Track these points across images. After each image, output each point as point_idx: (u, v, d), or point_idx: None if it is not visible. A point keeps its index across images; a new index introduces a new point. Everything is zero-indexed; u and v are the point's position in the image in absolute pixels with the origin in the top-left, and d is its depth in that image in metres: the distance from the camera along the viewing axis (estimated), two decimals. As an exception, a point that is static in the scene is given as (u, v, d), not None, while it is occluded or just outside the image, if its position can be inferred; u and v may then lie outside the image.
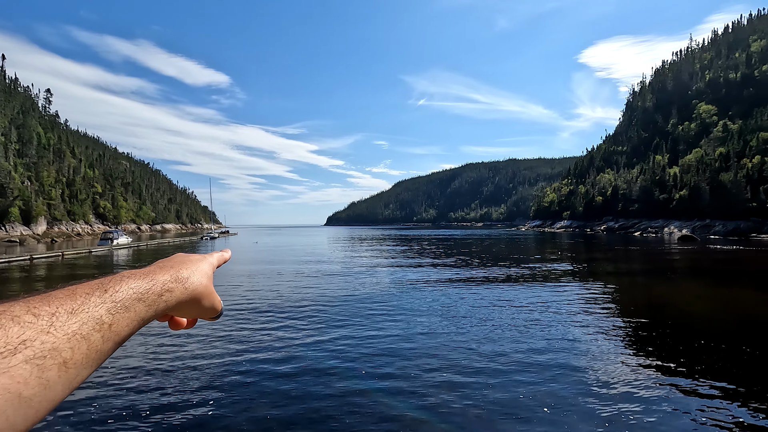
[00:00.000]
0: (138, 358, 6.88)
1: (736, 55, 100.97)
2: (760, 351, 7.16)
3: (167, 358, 6.95)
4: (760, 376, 6.09)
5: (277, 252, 34.04)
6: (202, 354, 7.16)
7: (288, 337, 8.13)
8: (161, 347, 7.49)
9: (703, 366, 6.52)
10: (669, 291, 14.26)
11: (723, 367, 6.46)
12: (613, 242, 46.50)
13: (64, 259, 27.08)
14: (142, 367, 6.49)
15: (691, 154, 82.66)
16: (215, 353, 7.20)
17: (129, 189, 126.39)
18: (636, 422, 4.71)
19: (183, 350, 7.38)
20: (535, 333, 8.37)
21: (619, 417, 4.83)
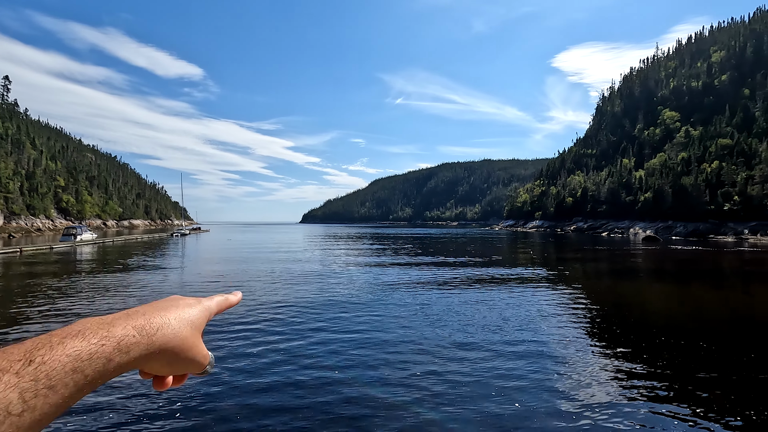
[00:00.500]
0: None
1: (698, 65, 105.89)
2: (712, 345, 7.55)
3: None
4: (712, 369, 6.42)
5: (250, 250, 33.44)
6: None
7: (262, 343, 8.01)
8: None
9: (658, 360, 6.82)
10: (631, 289, 14.84)
11: (677, 362, 6.77)
12: (582, 242, 48.01)
13: (22, 256, 25.77)
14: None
15: (656, 158, 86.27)
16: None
17: (94, 183, 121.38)
18: (597, 415, 4.87)
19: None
20: (503, 330, 8.55)
21: (582, 412, 4.99)
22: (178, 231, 65.86)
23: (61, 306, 10.78)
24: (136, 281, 15.41)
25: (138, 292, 13.17)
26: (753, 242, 48.70)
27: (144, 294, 12.79)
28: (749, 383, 5.90)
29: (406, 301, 11.59)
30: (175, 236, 58.75)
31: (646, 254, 29.78)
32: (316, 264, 21.95)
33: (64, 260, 23.94)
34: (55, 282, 14.93)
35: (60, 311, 10.19)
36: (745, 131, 72.08)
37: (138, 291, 13.31)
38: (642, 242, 46.97)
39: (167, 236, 58.51)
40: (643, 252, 31.89)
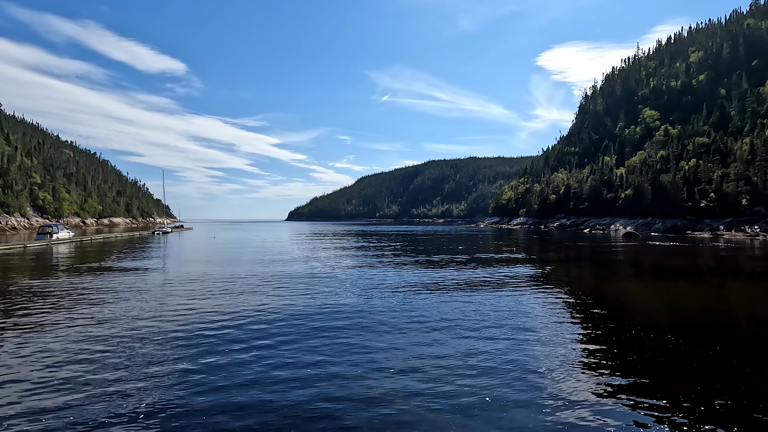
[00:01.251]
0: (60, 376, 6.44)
1: (677, 65, 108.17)
2: (686, 337, 7.73)
3: (104, 380, 6.56)
4: (687, 361, 6.57)
5: (235, 250, 33.01)
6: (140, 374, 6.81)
7: (245, 344, 7.90)
8: (79, 368, 7.06)
9: (635, 351, 6.94)
10: (610, 284, 15.12)
11: (654, 354, 6.91)
12: (564, 239, 48.75)
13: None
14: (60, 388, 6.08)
15: (636, 156, 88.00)
16: (156, 373, 6.86)
17: (72, 180, 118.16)
18: (576, 410, 4.93)
19: (125, 371, 7.00)
20: (485, 325, 8.60)
21: (562, 408, 5.04)
22: (159, 229, 64.71)
23: (31, 310, 10.46)
24: (113, 282, 15.05)
25: (116, 294, 12.87)
26: (728, 238, 50.16)
27: (123, 297, 12.49)
28: (721, 373, 6.05)
29: (390, 298, 11.58)
30: (157, 234, 57.68)
31: (625, 250, 30.40)
32: (302, 263, 21.79)
33: (38, 260, 23.26)
34: (27, 283, 14.49)
35: (30, 314, 9.88)
36: (721, 130, 74.04)
37: (116, 293, 13.01)
38: (622, 238, 47.94)
39: (149, 234, 57.41)
40: (622, 248, 32.55)
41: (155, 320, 9.25)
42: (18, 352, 7.04)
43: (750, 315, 10.31)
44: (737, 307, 11.40)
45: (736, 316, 10.23)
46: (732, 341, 7.80)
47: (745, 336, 8.25)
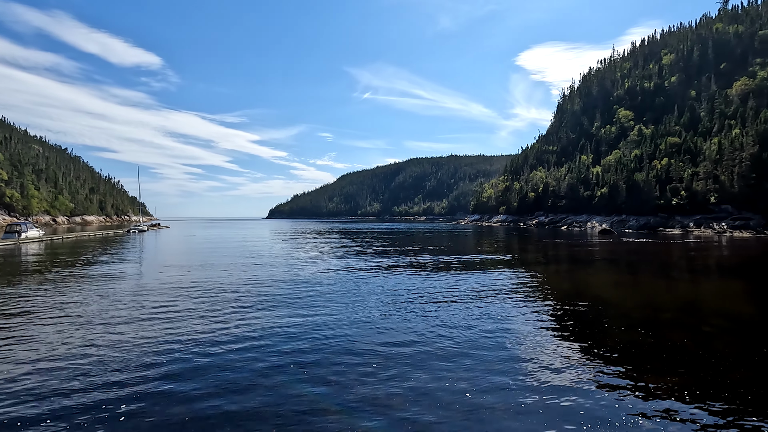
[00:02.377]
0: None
1: (650, 66, 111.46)
2: (654, 330, 8.01)
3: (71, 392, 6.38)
4: (657, 353, 6.82)
5: (215, 249, 32.45)
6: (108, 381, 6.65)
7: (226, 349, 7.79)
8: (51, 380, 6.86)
9: (607, 343, 7.16)
10: (585, 279, 15.52)
11: (626, 346, 7.14)
12: (543, 236, 49.73)
13: (-43, 255, 23.86)
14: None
15: (611, 155, 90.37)
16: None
17: (42, 176, 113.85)
18: (552, 398, 5.06)
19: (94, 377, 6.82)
20: (470, 319, 8.71)
21: (539, 398, 5.16)
22: (135, 227, 63.01)
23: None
24: (86, 284, 14.61)
25: (88, 297, 12.50)
26: (697, 234, 52.13)
27: (96, 300, 12.14)
28: (689, 363, 6.31)
29: (373, 296, 11.60)
30: (133, 233, 56.17)
31: (600, 247, 31.23)
32: (285, 265, 21.60)
33: (5, 260, 22.36)
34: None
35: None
36: (691, 130, 76.72)
37: (88, 296, 12.63)
38: (598, 235, 49.22)
39: (124, 233, 55.87)
40: (598, 244, 33.42)
41: (129, 325, 9.05)
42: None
43: (716, 308, 10.75)
44: (704, 301, 11.87)
45: (703, 309, 10.65)
46: (699, 333, 8.13)
47: (711, 328, 8.61)
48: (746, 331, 8.43)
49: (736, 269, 19.16)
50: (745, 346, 7.35)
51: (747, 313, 10.27)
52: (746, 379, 5.83)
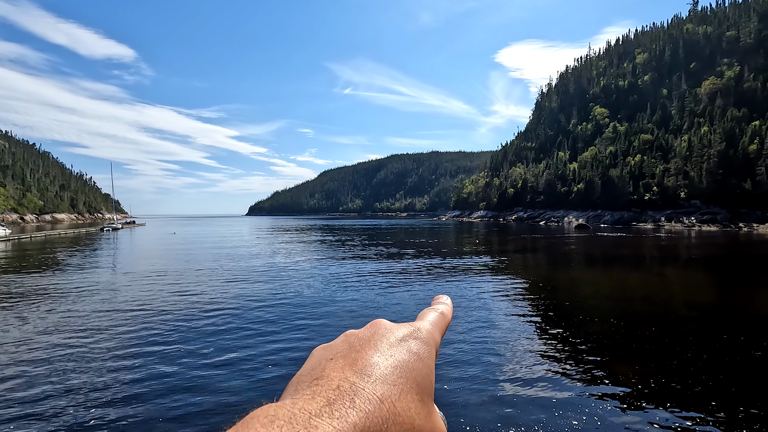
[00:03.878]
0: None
1: (624, 65, 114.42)
2: (626, 321, 8.26)
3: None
4: (628, 343, 7.02)
5: (195, 248, 31.79)
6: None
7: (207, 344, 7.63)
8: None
9: (581, 334, 7.34)
10: (561, 272, 15.87)
11: (598, 337, 7.33)
12: (521, 231, 50.61)
13: None
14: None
15: (588, 151, 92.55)
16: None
17: (8, 173, 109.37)
18: (527, 398, 5.14)
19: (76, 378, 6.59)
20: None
21: (518, 397, 5.24)
22: (109, 225, 61.15)
23: (-42, 310, 9.61)
24: (57, 285, 14.11)
25: (59, 299, 12.06)
26: (668, 228, 53.99)
27: (68, 302, 11.71)
28: (659, 353, 6.52)
29: (353, 294, 11.57)
30: (106, 231, 54.52)
31: (576, 241, 31.97)
32: (266, 260, 21.33)
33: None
34: (-47, 283, 13.29)
35: (-45, 316, 9.07)
36: (663, 128, 79.24)
37: (59, 298, 12.19)
38: (574, 230, 50.40)
39: (96, 231, 54.14)
40: (574, 239, 34.21)
41: (104, 330, 8.78)
42: (-60, 359, 6.45)
43: (683, 298, 11.15)
44: (672, 292, 12.30)
45: (671, 299, 11.03)
46: (667, 322, 8.41)
47: (679, 317, 8.92)
48: (710, 319, 8.77)
49: (702, 261, 19.93)
50: (709, 333, 7.65)
51: (711, 302, 10.69)
52: (710, 364, 6.06)
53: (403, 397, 0.29)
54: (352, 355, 0.31)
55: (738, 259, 20.90)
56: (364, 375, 0.29)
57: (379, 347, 0.32)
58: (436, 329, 0.37)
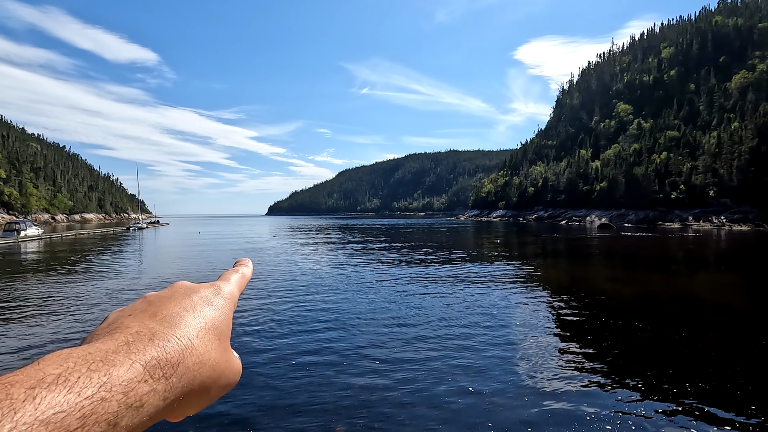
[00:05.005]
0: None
1: (649, 60, 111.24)
2: (653, 324, 8.05)
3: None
4: (656, 347, 6.85)
5: (221, 248, 32.43)
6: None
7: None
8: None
9: (605, 337, 7.19)
10: (584, 274, 15.55)
11: (623, 340, 7.17)
12: (542, 230, 49.79)
13: (-44, 254, 23.83)
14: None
15: (611, 149, 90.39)
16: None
17: (41, 175, 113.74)
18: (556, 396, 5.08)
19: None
20: (469, 315, 8.74)
21: (543, 398, 5.18)
22: (134, 225, 63.01)
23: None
24: (88, 282, 14.62)
25: (90, 295, 12.51)
26: (696, 228, 52.24)
27: (98, 297, 12.14)
28: (688, 357, 6.34)
29: (374, 293, 11.63)
30: (132, 230, 56.16)
31: (599, 241, 31.27)
32: (301, 264, 21.62)
33: (4, 259, 22.35)
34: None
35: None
36: (690, 124, 76.72)
37: (90, 294, 12.64)
38: (597, 230, 49.31)
39: (123, 230, 55.84)
40: (597, 239, 33.47)
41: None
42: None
43: (713, 302, 10.79)
44: (702, 295, 11.91)
45: (700, 302, 10.68)
46: (696, 326, 8.16)
47: (708, 321, 8.64)
48: (743, 324, 8.46)
49: (734, 263, 19.22)
50: (741, 339, 7.38)
51: (743, 306, 10.31)
52: (743, 372, 5.86)
53: (201, 335, 0.32)
54: (152, 309, 0.32)
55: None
56: (164, 322, 0.31)
57: (180, 302, 0.34)
58: (235, 287, 0.41)
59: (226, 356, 0.34)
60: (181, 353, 0.29)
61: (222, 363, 0.33)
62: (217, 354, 0.32)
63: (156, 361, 0.27)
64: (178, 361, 0.29)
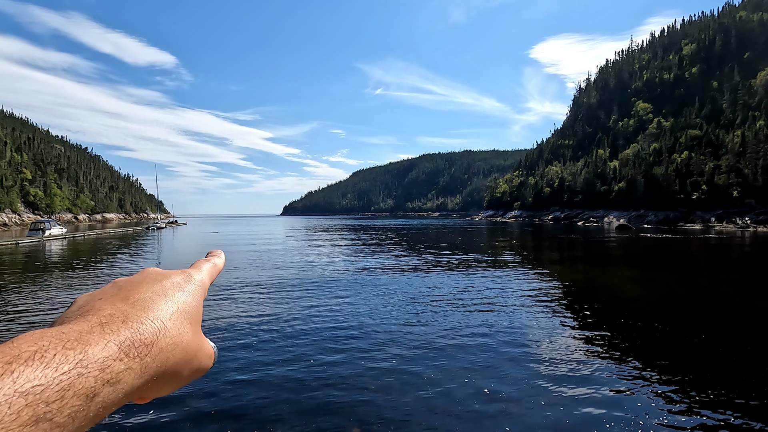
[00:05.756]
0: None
1: (670, 57, 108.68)
2: (672, 326, 7.89)
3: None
4: (678, 350, 6.72)
5: (237, 245, 32.90)
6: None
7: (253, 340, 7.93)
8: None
9: (626, 342, 7.08)
10: (601, 277, 15.30)
11: (643, 344, 7.05)
12: (559, 231, 49.10)
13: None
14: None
15: (629, 148, 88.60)
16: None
17: (64, 175, 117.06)
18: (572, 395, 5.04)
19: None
20: (485, 316, 8.70)
21: (560, 395, 5.15)
22: (153, 224, 64.31)
23: (25, 308, 10.43)
24: (110, 278, 15.02)
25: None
26: (719, 230, 50.80)
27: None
28: (708, 360, 6.20)
29: (389, 290, 11.67)
30: (151, 230, 57.34)
31: (618, 243, 30.69)
32: (300, 261, 21.82)
33: (30, 256, 23.09)
34: (18, 281, 14.41)
35: (23, 314, 9.85)
36: (713, 122, 74.66)
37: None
38: (615, 231, 48.38)
39: (143, 230, 57.07)
40: (615, 240, 32.86)
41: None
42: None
43: (740, 307, 10.50)
44: (728, 300, 11.60)
45: (726, 308, 10.42)
46: (722, 333, 7.96)
47: (734, 328, 8.42)
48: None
49: (760, 266, 18.65)
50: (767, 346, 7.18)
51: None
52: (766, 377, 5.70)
53: (174, 318, 0.33)
54: (123, 293, 0.34)
55: (800, 263, 19.41)
56: (137, 305, 0.32)
57: (151, 287, 0.35)
58: (206, 275, 0.43)
59: (198, 339, 0.35)
60: (155, 334, 0.30)
61: (194, 345, 0.34)
62: (189, 337, 0.34)
63: (130, 341, 0.28)
64: (152, 342, 0.30)
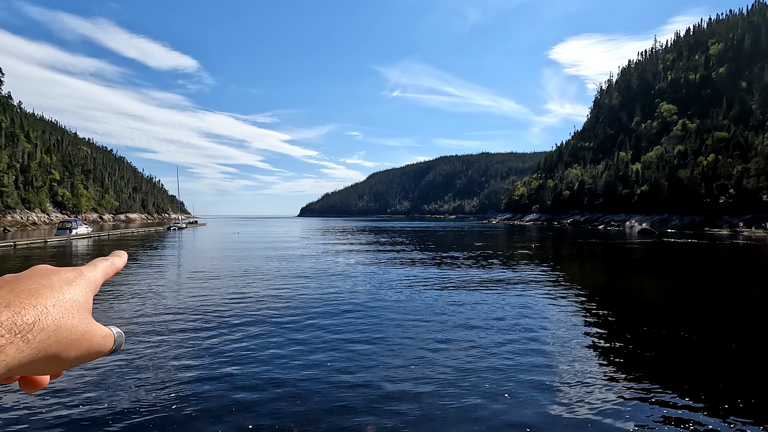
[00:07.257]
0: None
1: (696, 57, 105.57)
2: (699, 335, 7.65)
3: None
4: (700, 359, 6.51)
5: (256, 247, 33.39)
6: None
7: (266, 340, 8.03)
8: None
9: (650, 349, 6.90)
10: (624, 283, 14.95)
11: (666, 351, 6.85)
12: (578, 235, 48.17)
13: (17, 250, 25.69)
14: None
15: (653, 151, 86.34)
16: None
17: (90, 176, 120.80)
18: (593, 403, 4.94)
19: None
20: (499, 323, 8.61)
21: (579, 402, 5.05)
22: (175, 225, 65.73)
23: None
24: (132, 277, 15.41)
25: (132, 288, 13.18)
26: (747, 235, 48.98)
27: (139, 290, 12.78)
28: (735, 371, 5.99)
29: (407, 297, 11.65)
30: (173, 230, 58.63)
31: (641, 248, 29.93)
32: (321, 259, 21.98)
33: (58, 254, 23.90)
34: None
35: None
36: (741, 124, 72.12)
37: (133, 287, 13.32)
38: (638, 235, 47.19)
39: (164, 230, 58.41)
40: (638, 245, 32.05)
41: (178, 320, 9.47)
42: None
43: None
44: (757, 309, 11.19)
45: (755, 318, 10.05)
46: (752, 344, 7.68)
47: (763, 338, 8.12)
48: (803, 338, 7.89)
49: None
50: (802, 354, 6.89)
51: (804, 319, 9.61)
52: (803, 389, 5.47)
53: (57, 304, 0.35)
54: (9, 286, 0.36)
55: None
56: (21, 294, 0.34)
57: (38, 281, 0.38)
58: (99, 273, 0.47)
59: (86, 322, 0.37)
60: (36, 316, 0.33)
61: (80, 327, 0.36)
62: (74, 320, 0.36)
63: (11, 322, 0.31)
64: (33, 322, 0.32)
